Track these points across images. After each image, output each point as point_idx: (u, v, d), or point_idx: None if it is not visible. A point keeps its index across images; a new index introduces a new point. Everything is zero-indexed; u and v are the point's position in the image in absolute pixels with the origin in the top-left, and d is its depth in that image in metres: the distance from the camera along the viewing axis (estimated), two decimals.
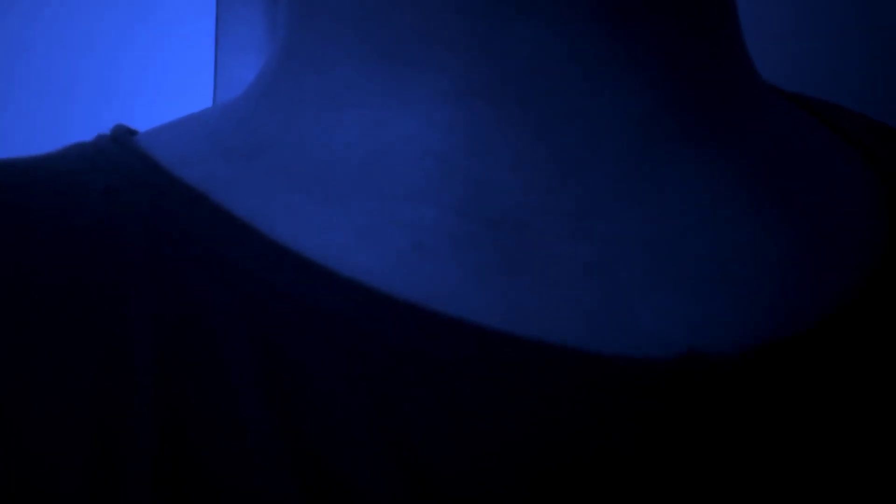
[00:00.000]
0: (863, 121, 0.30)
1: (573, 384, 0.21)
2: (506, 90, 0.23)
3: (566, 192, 0.23)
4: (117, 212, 0.23)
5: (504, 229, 0.23)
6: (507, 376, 0.21)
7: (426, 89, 0.23)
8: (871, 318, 0.23)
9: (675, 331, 0.22)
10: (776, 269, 0.24)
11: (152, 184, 0.23)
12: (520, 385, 0.21)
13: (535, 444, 0.21)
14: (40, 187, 0.23)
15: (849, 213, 0.26)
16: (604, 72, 0.23)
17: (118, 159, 0.24)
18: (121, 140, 0.25)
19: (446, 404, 0.21)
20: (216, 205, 0.23)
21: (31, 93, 0.69)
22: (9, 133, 0.69)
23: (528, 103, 0.23)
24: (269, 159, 0.24)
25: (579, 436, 0.21)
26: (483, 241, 0.23)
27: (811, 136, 0.28)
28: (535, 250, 0.23)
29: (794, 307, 0.23)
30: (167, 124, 0.27)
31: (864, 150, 0.28)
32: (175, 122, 0.26)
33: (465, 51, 0.23)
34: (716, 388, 0.21)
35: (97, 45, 0.69)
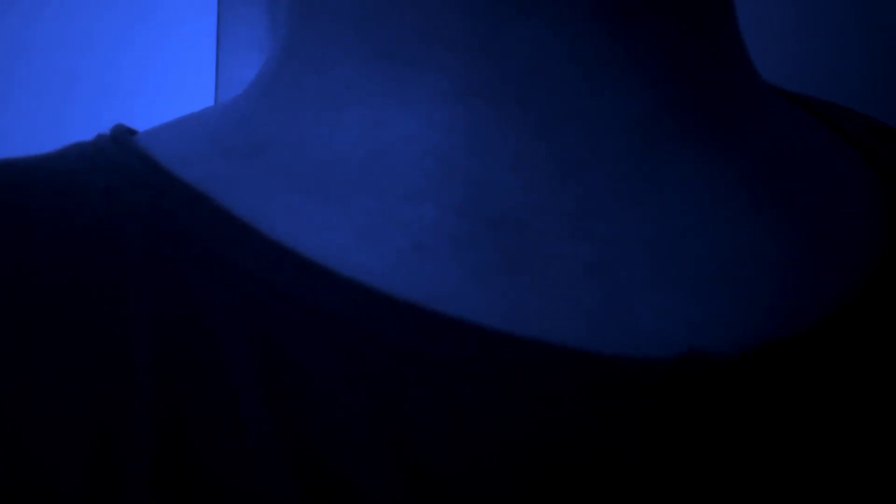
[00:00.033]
0: (863, 121, 0.30)
1: (573, 384, 0.21)
2: (506, 90, 0.23)
3: (566, 192, 0.23)
4: (117, 211, 0.23)
5: (504, 229, 0.23)
6: (507, 376, 0.21)
7: (426, 89, 0.23)
8: (871, 319, 0.23)
9: (675, 331, 0.22)
10: (776, 269, 0.24)
11: (152, 183, 0.23)
12: (520, 385, 0.21)
13: (535, 444, 0.21)
14: (40, 187, 0.23)
15: (849, 213, 0.26)
16: (604, 72, 0.23)
17: (118, 159, 0.24)
18: (120, 140, 0.25)
19: (446, 404, 0.21)
20: (216, 204, 0.23)
21: (31, 93, 0.69)
22: (9, 133, 0.69)
23: (528, 103, 0.23)
24: (269, 159, 0.24)
25: (579, 436, 0.21)
26: (483, 241, 0.23)
27: (811, 136, 0.28)
28: (535, 250, 0.23)
29: (794, 307, 0.23)
30: (167, 124, 0.26)
31: (864, 150, 0.28)
32: (175, 122, 0.26)
33: (465, 51, 0.23)
34: (716, 388, 0.21)
35: (97, 45, 0.69)
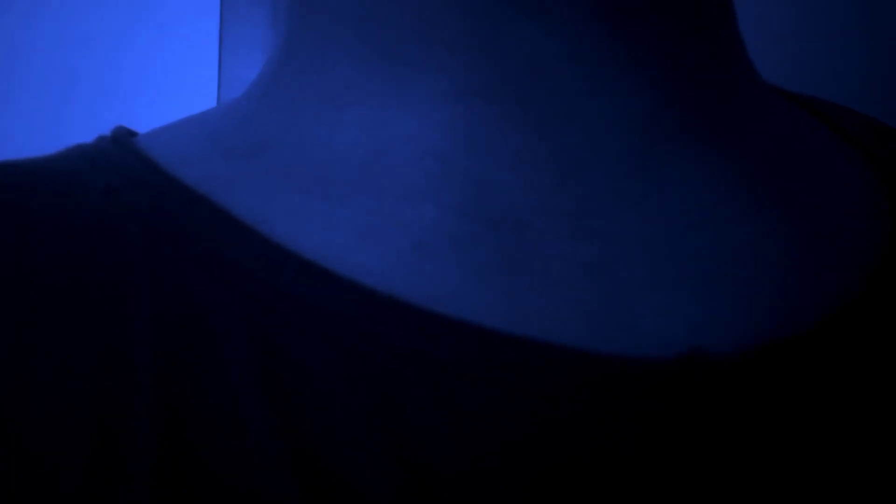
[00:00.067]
0: (863, 121, 0.30)
1: (573, 384, 0.21)
2: (506, 90, 0.23)
3: (566, 192, 0.23)
4: (117, 212, 0.23)
5: (504, 229, 0.23)
6: (508, 376, 0.21)
7: (426, 89, 0.23)
8: (871, 319, 0.23)
9: (675, 331, 0.22)
10: (776, 269, 0.24)
11: (152, 184, 0.23)
12: (520, 385, 0.21)
13: (535, 444, 0.21)
14: (40, 187, 0.23)
15: (849, 213, 0.26)
16: (604, 72, 0.23)
17: (118, 159, 0.24)
18: (121, 141, 0.25)
19: (446, 404, 0.21)
20: (216, 205, 0.23)
21: (31, 93, 0.69)
22: (9, 133, 0.69)
23: (528, 103, 0.23)
24: (270, 159, 0.24)
25: (579, 436, 0.21)
26: (483, 240, 0.23)
27: (811, 136, 0.28)
28: (535, 250, 0.23)
29: (794, 307, 0.23)
30: (167, 126, 0.27)
31: (864, 150, 0.28)
32: (175, 124, 0.27)
33: (465, 51, 0.23)
34: (716, 388, 0.21)
35: (97, 45, 0.69)
